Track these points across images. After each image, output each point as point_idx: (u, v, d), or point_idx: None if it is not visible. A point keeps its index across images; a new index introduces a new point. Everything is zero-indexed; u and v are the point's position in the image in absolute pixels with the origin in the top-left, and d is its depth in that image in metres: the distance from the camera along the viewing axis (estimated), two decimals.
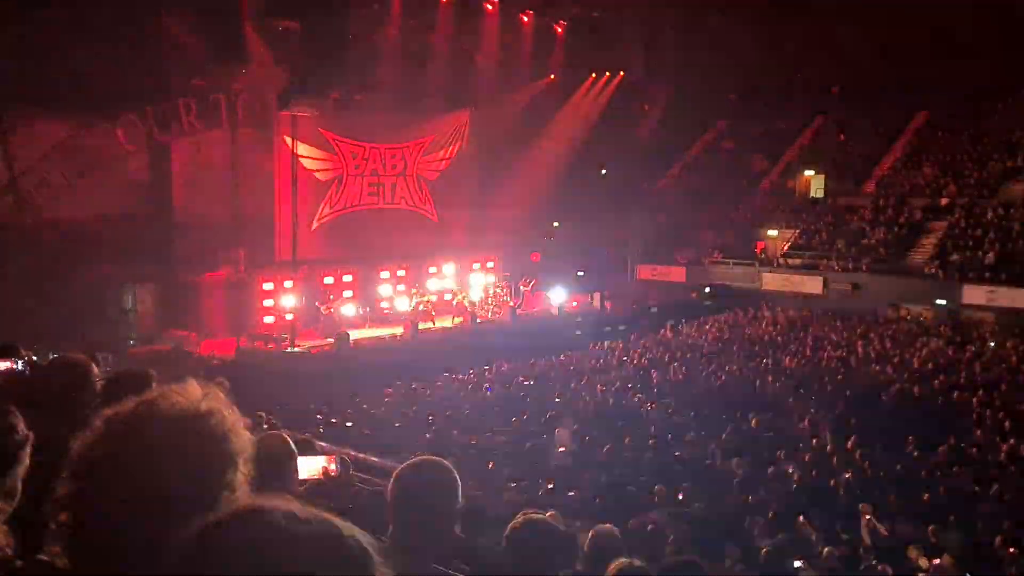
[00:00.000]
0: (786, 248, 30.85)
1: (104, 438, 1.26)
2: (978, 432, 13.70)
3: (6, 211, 20.12)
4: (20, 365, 4.61)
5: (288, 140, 23.46)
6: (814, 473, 11.63)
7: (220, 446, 1.28)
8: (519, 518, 3.35)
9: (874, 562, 8.40)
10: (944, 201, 29.34)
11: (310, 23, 18.18)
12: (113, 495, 1.22)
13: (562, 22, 30.23)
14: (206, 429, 1.27)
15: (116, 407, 1.29)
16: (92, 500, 1.23)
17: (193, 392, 1.31)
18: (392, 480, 2.46)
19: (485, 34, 28.66)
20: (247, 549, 0.99)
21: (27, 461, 1.79)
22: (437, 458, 2.61)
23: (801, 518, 9.23)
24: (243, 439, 1.31)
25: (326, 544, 1.02)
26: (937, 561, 8.32)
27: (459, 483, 2.52)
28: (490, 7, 27.71)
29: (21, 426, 1.79)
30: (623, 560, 3.43)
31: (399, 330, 24.23)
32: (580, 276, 30.66)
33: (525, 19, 29.13)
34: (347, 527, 1.06)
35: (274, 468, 2.66)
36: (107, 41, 19.38)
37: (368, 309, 26.05)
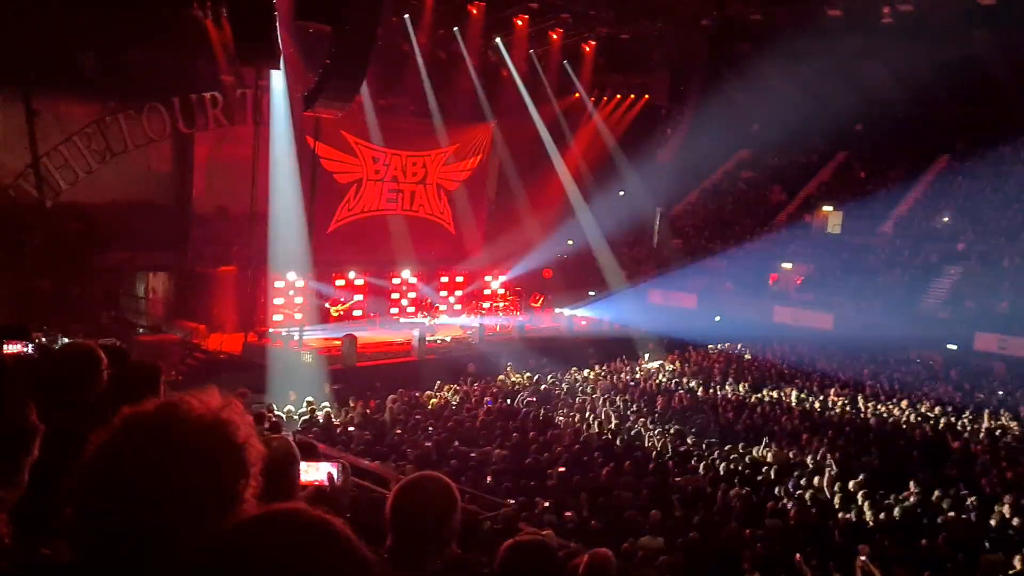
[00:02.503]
0: (799, 282, 30.75)
1: (122, 437, 1.28)
2: (984, 481, 13.60)
3: (27, 192, 20.26)
4: (30, 348, 4.64)
5: (310, 140, 23.58)
6: (812, 510, 11.57)
7: (235, 456, 1.30)
8: (514, 537, 3.35)
9: None
10: (961, 246, 29.22)
11: (340, 27, 18.25)
12: (125, 494, 1.23)
13: (591, 42, 30.33)
14: (223, 438, 1.29)
15: (136, 407, 1.31)
16: (103, 497, 1.25)
17: (213, 400, 1.33)
18: (392, 494, 2.46)
19: (514, 48, 28.77)
20: (277, 550, 1.07)
21: (35, 453, 1.80)
22: (437, 474, 2.60)
23: (798, 556, 9.17)
24: (257, 451, 1.34)
25: (340, 548, 1.11)
26: None
27: (458, 501, 2.51)
28: (520, 22, 27.82)
29: (33, 417, 1.80)
30: None
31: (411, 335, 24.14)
32: (592, 296, 30.65)
33: (554, 36, 29.23)
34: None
35: (277, 472, 2.65)
36: (138, 30, 19.56)
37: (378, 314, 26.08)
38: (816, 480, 13.00)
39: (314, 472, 2.95)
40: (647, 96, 33.84)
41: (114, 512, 1.23)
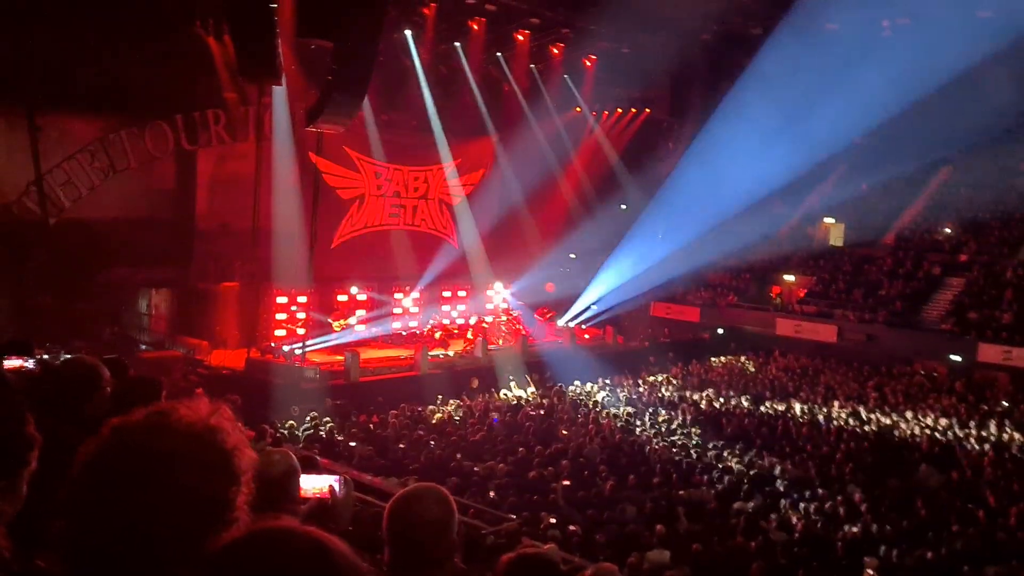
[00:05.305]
0: (802, 295, 30.71)
1: (110, 447, 1.27)
2: (989, 493, 13.53)
3: (30, 209, 20.31)
4: (32, 364, 4.63)
5: (312, 156, 23.62)
6: (818, 524, 11.52)
7: (224, 463, 1.29)
8: (516, 551, 3.32)
9: None
10: (963, 258, 29.17)
11: (342, 44, 18.31)
12: (115, 505, 1.22)
13: (592, 56, 30.41)
14: (212, 446, 1.28)
15: (124, 417, 1.30)
16: (94, 508, 1.24)
17: (201, 408, 1.32)
18: (387, 510, 2.43)
19: (515, 63, 28.85)
20: (270, 567, 1.05)
21: (34, 465, 1.79)
22: (433, 486, 2.56)
23: (801, 572, 9.13)
24: (247, 458, 1.32)
25: (335, 568, 1.09)
26: None
27: (455, 514, 2.48)
28: (521, 37, 27.92)
29: (31, 429, 1.79)
30: None
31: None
32: (593, 307, 30.62)
33: (555, 51, 29.33)
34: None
35: (276, 485, 2.64)
36: (140, 48, 19.62)
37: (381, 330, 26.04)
38: (821, 493, 12.95)
39: (315, 485, 2.93)
40: (648, 110, 33.93)
41: (104, 522, 1.22)
